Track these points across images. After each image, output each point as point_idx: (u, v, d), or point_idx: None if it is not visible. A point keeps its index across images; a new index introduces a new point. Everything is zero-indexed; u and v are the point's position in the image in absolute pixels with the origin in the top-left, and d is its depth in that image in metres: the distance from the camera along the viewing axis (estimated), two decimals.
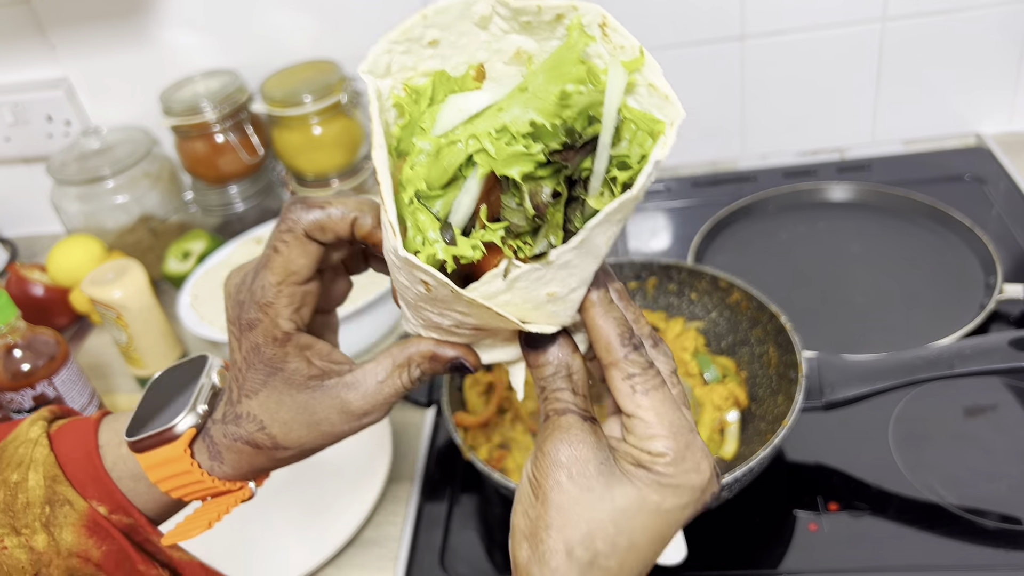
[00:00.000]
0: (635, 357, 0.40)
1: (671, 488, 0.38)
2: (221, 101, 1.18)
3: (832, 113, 1.24)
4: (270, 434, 0.43)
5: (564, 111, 0.35)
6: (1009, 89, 1.20)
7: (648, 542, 0.38)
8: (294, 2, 1.20)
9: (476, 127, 0.36)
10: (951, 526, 0.74)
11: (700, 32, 1.18)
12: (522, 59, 0.39)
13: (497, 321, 0.38)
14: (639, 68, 0.36)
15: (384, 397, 0.43)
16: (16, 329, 0.86)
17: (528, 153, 0.35)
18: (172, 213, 1.28)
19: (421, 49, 0.39)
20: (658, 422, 0.39)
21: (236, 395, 0.44)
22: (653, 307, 0.98)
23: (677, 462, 0.38)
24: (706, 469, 0.39)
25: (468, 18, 0.38)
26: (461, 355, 0.43)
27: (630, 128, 0.36)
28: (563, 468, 0.39)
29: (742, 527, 0.77)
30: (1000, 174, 1.16)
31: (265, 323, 0.42)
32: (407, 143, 0.38)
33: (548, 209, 0.36)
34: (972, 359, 0.74)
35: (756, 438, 0.83)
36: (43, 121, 1.32)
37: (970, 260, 1.02)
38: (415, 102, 0.38)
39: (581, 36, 0.36)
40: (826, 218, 1.15)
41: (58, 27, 1.25)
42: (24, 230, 1.50)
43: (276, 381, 0.43)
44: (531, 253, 0.36)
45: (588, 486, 0.38)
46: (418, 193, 0.37)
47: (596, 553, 0.37)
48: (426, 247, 0.37)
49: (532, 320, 0.39)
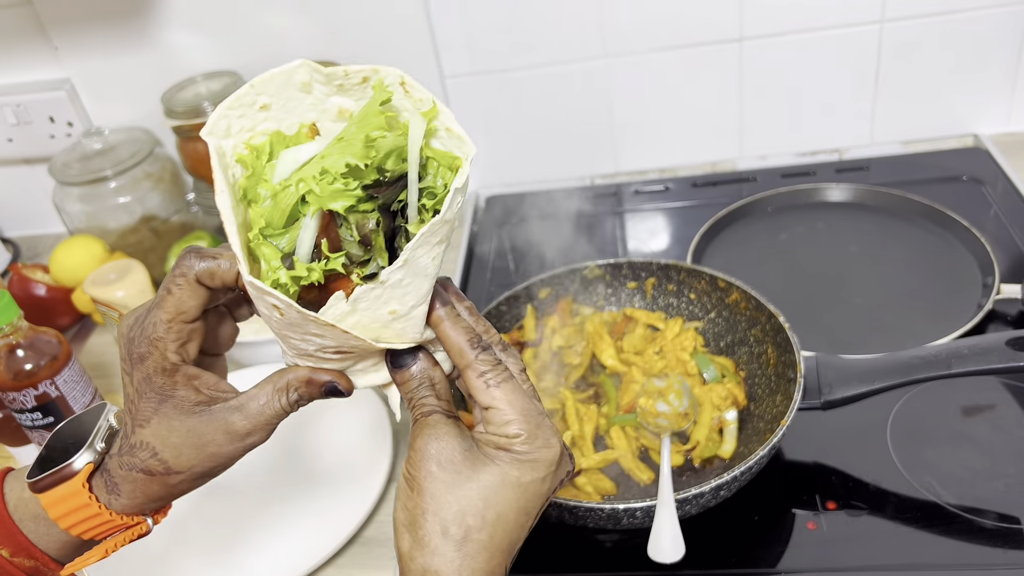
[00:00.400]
0: (485, 357, 0.46)
1: (528, 463, 0.45)
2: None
3: (830, 114, 1.25)
4: (162, 459, 0.47)
5: (371, 153, 0.42)
6: (1007, 90, 1.21)
7: (515, 514, 0.44)
8: (295, 4, 1.20)
9: (304, 173, 0.43)
10: (949, 525, 0.74)
11: (699, 34, 1.19)
12: (345, 116, 0.46)
13: (352, 341, 0.44)
14: (436, 116, 0.44)
15: (266, 419, 0.48)
16: (18, 329, 0.87)
17: (347, 190, 0.42)
18: (174, 214, 1.29)
19: (255, 113, 0.45)
20: (511, 409, 0.45)
21: (130, 427, 0.48)
22: (652, 307, 0.99)
23: (530, 440, 0.45)
24: (556, 444, 0.46)
25: (292, 85, 0.45)
26: (334, 379, 0.48)
27: (434, 164, 0.44)
28: (433, 459, 0.44)
29: (740, 526, 0.77)
30: (998, 175, 1.16)
31: (155, 355, 0.47)
32: (253, 192, 0.44)
33: (373, 236, 0.43)
34: (970, 359, 0.74)
35: (754, 437, 0.83)
36: (45, 122, 1.32)
37: (968, 260, 1.03)
38: (256, 158, 0.45)
39: (381, 92, 0.44)
40: (824, 218, 1.16)
41: (60, 28, 1.26)
42: (26, 230, 1.50)
43: (166, 408, 0.47)
44: (364, 274, 0.44)
45: (456, 471, 0.44)
46: (263, 231, 0.43)
47: (468, 528, 0.43)
48: (272, 275, 0.43)
49: (385, 339, 0.46)
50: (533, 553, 0.79)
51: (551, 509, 0.74)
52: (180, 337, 0.48)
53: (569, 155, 1.33)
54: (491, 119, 1.29)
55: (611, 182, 1.33)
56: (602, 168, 1.34)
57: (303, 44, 1.23)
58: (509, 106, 1.28)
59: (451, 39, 1.22)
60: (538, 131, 1.30)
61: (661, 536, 0.68)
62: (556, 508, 0.73)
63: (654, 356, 0.92)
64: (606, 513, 0.72)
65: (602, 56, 1.22)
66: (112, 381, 1.14)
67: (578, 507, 0.72)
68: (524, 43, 1.22)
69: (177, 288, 0.47)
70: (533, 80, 1.25)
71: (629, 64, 1.22)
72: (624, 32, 1.19)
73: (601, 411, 0.88)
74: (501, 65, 1.24)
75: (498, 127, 1.30)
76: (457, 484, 0.44)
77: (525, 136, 1.31)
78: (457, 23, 1.21)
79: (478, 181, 1.37)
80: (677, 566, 0.67)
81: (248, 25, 1.23)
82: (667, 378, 0.86)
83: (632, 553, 0.76)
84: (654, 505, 0.70)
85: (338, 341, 0.45)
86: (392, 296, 0.44)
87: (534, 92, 1.26)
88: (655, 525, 0.69)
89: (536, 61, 1.23)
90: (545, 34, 1.21)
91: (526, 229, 1.27)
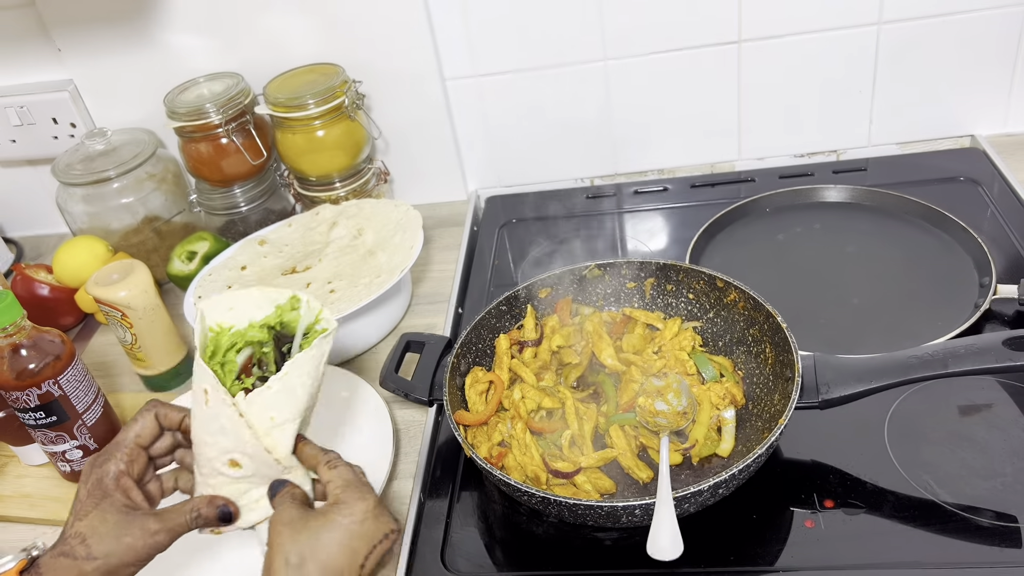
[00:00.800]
0: (327, 456, 0.67)
1: (347, 508, 0.63)
2: (225, 104, 1.19)
3: (828, 115, 1.26)
4: (87, 544, 0.62)
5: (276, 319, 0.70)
6: (1003, 91, 1.22)
7: (338, 547, 0.61)
8: (297, 5, 1.21)
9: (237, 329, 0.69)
10: (946, 523, 0.74)
11: (698, 36, 1.19)
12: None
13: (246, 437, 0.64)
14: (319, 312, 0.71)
15: (173, 524, 0.65)
16: (22, 329, 0.88)
17: (259, 339, 0.69)
18: (176, 214, 1.29)
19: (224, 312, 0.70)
20: (340, 480, 0.65)
21: (70, 522, 0.63)
22: (651, 307, 0.99)
23: (350, 493, 0.64)
24: (370, 497, 0.64)
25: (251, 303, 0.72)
26: (227, 503, 0.66)
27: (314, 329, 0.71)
28: (280, 522, 0.63)
29: (739, 524, 0.78)
30: (994, 175, 1.17)
31: (111, 463, 0.66)
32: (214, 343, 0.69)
33: (268, 364, 0.70)
34: (967, 359, 0.75)
35: (753, 436, 0.84)
36: (48, 123, 1.33)
37: (965, 260, 1.03)
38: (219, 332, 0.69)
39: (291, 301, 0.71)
40: (822, 219, 1.16)
41: (63, 30, 1.26)
42: (29, 231, 1.51)
43: (105, 504, 0.64)
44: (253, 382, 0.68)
45: (296, 527, 0.62)
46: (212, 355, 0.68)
47: (303, 558, 0.60)
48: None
49: (266, 445, 0.65)
50: (533, 552, 0.80)
51: (551, 508, 0.75)
52: (131, 456, 0.67)
53: (569, 155, 1.33)
54: (491, 120, 1.30)
55: (610, 182, 1.34)
56: (601, 168, 1.35)
57: (304, 46, 1.24)
58: (509, 107, 1.29)
59: (452, 40, 1.23)
60: (538, 132, 1.31)
61: (660, 534, 0.68)
62: (556, 506, 0.74)
63: (653, 355, 0.92)
64: (605, 511, 0.72)
65: (602, 58, 1.22)
66: (114, 380, 1.15)
67: (577, 505, 0.72)
68: (524, 44, 1.22)
69: (141, 418, 0.69)
70: (533, 81, 1.25)
71: (629, 65, 1.23)
72: (624, 34, 1.20)
73: (600, 410, 0.89)
74: (501, 66, 1.25)
75: (498, 128, 1.31)
76: (296, 533, 0.62)
77: (525, 137, 1.31)
78: (458, 24, 1.21)
79: (478, 181, 1.38)
80: (676, 564, 0.68)
81: (250, 27, 1.23)
82: (666, 377, 0.87)
83: (631, 551, 0.77)
84: (653, 503, 0.70)
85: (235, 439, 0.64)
86: (274, 403, 0.65)
87: (534, 93, 1.26)
88: (654, 523, 0.69)
89: (536, 63, 1.24)
90: (545, 35, 1.21)
91: (526, 229, 1.27)
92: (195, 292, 1.10)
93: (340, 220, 1.18)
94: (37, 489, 0.99)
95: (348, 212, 1.18)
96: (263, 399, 0.64)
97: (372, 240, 1.13)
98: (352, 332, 1.05)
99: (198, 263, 1.21)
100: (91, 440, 0.95)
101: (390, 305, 1.10)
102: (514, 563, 0.80)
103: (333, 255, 1.13)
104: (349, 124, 1.21)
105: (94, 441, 0.95)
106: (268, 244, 1.18)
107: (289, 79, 1.22)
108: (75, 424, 0.93)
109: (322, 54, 1.24)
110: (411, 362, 0.97)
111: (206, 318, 0.69)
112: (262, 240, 1.19)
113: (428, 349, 0.95)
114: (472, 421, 0.87)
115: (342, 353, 1.07)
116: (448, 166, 1.34)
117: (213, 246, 1.22)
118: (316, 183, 1.25)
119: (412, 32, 1.21)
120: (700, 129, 1.29)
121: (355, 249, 1.13)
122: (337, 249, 1.14)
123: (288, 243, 1.18)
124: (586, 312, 0.99)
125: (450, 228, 1.31)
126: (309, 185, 1.26)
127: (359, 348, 1.09)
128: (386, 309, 1.09)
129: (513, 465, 0.83)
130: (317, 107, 1.16)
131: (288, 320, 0.70)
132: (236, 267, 1.14)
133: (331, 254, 1.13)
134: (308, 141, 1.20)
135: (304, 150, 1.21)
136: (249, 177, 1.27)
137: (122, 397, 1.11)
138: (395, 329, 1.13)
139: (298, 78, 1.22)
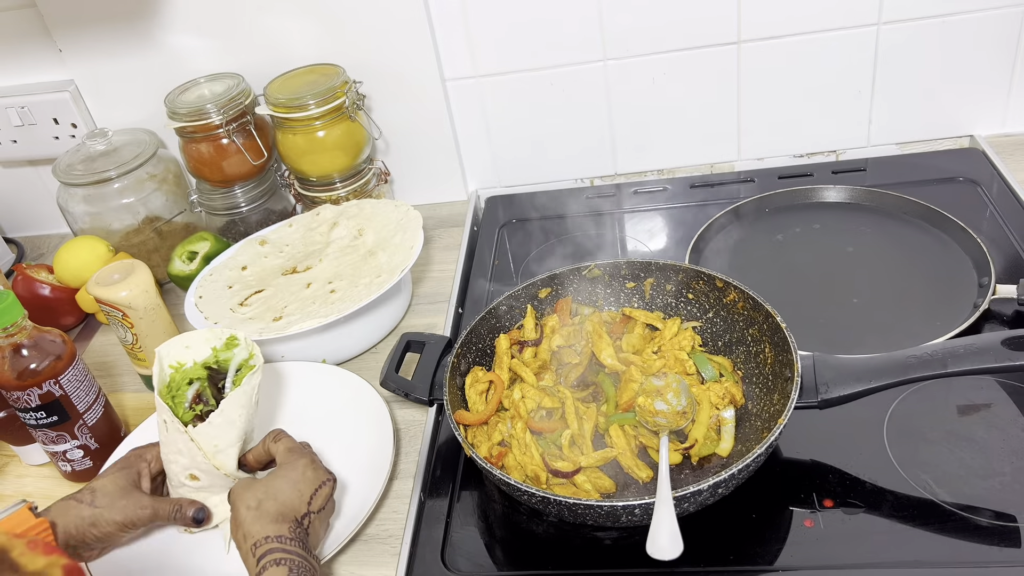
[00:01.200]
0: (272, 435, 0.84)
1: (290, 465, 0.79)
2: (226, 104, 1.19)
3: (827, 116, 1.26)
4: (94, 495, 0.78)
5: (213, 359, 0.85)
6: (1002, 92, 1.22)
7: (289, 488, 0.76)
8: (298, 6, 1.21)
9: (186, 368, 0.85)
10: (945, 523, 0.75)
11: (698, 37, 1.19)
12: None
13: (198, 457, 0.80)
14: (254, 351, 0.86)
15: (158, 508, 0.81)
16: (23, 329, 0.88)
17: (199, 376, 0.84)
18: (177, 215, 1.30)
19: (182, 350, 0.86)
20: (283, 447, 0.82)
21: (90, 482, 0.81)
22: (650, 307, 1.00)
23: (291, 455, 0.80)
24: (308, 454, 0.80)
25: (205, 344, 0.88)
26: (203, 509, 0.83)
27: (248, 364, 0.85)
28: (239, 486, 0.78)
29: (738, 523, 0.78)
30: (993, 175, 1.17)
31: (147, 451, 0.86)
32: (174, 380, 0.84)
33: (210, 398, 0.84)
34: (966, 358, 0.75)
35: (752, 436, 0.84)
36: (49, 123, 1.33)
37: (964, 261, 1.03)
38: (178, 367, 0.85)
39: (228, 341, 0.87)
40: (821, 219, 1.16)
41: (64, 31, 1.27)
42: (31, 231, 1.51)
43: (121, 474, 0.82)
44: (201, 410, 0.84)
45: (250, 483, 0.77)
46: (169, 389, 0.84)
47: (260, 501, 0.74)
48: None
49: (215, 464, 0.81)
50: (533, 551, 0.80)
51: (551, 507, 0.75)
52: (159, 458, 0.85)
53: (568, 156, 1.33)
54: (491, 120, 1.30)
55: (610, 183, 1.34)
56: (601, 169, 1.35)
57: (304, 46, 1.24)
58: (509, 107, 1.29)
59: (452, 41, 1.23)
60: (538, 132, 1.31)
61: (659, 533, 0.68)
62: (556, 506, 0.74)
63: (652, 355, 0.92)
64: (605, 511, 0.73)
65: (602, 58, 1.23)
66: (115, 380, 1.15)
67: (577, 505, 0.73)
68: (524, 45, 1.23)
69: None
70: (533, 82, 1.26)
71: (628, 66, 1.23)
72: (624, 34, 1.20)
73: (600, 410, 0.89)
74: (501, 67, 1.25)
75: (498, 128, 1.31)
76: (251, 485, 0.77)
77: (525, 137, 1.32)
78: (458, 25, 1.21)
79: (478, 181, 1.38)
80: (675, 563, 0.68)
81: (250, 27, 1.24)
82: (665, 377, 0.87)
83: (631, 550, 0.77)
84: (653, 503, 0.70)
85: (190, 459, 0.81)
86: (217, 434, 0.81)
87: (534, 94, 1.27)
88: (654, 522, 0.69)
89: (536, 63, 1.24)
90: (545, 36, 1.22)
91: (526, 229, 1.28)
92: (196, 292, 1.11)
93: (341, 220, 1.18)
94: (38, 489, 0.99)
95: (349, 212, 1.19)
96: (207, 432, 0.80)
97: (372, 240, 1.13)
98: (352, 332, 1.06)
99: (199, 263, 1.21)
100: (92, 440, 0.95)
101: (390, 305, 1.10)
102: (514, 562, 0.80)
103: (334, 255, 1.13)
104: (349, 124, 1.21)
105: (95, 441, 0.95)
106: (269, 244, 1.18)
107: (290, 80, 1.22)
108: (76, 424, 0.93)
109: (322, 55, 1.24)
110: (411, 362, 0.98)
111: (163, 359, 0.84)
112: (263, 240, 1.19)
113: (428, 349, 0.96)
114: (472, 421, 0.88)
115: (342, 353, 1.07)
116: (448, 166, 1.34)
117: (214, 246, 1.22)
118: (317, 183, 1.25)
119: (412, 32, 1.21)
120: (700, 129, 1.29)
121: (355, 249, 1.13)
122: (338, 249, 1.14)
123: (289, 243, 1.18)
124: (586, 312, 0.99)
125: (450, 228, 1.31)
126: (310, 185, 1.26)
127: (359, 348, 1.09)
128: (386, 309, 1.10)
129: (513, 465, 0.84)
130: (318, 107, 1.16)
131: (223, 360, 0.85)
132: (237, 267, 1.15)
133: (332, 254, 1.13)
134: (309, 141, 1.20)
135: (305, 150, 1.21)
136: (250, 177, 1.27)
137: (123, 397, 1.11)
138: (395, 329, 1.13)
139: (298, 79, 1.22)
